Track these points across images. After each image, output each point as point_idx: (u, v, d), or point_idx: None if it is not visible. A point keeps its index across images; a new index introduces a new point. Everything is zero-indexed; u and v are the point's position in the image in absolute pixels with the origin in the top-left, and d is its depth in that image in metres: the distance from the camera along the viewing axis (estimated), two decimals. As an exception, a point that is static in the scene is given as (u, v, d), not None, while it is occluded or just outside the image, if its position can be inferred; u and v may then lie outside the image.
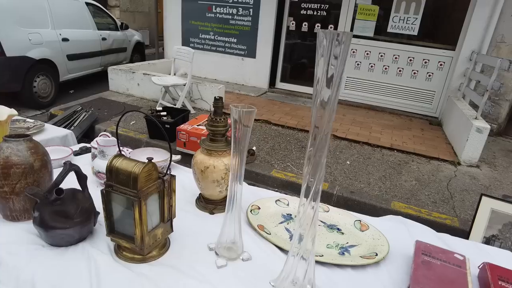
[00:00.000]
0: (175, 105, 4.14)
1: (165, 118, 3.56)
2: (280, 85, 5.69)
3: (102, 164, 1.24)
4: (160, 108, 3.56)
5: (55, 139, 1.68)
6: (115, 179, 0.86)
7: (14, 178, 0.96)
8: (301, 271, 0.83)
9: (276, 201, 1.26)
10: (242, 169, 0.90)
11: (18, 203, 0.99)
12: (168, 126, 3.43)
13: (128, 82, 4.88)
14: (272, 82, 5.66)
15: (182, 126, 3.32)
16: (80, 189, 0.99)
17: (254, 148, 3.37)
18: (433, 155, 3.73)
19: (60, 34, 4.96)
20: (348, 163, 3.51)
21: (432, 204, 2.98)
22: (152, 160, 0.88)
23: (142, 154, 1.38)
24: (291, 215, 1.21)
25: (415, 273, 0.91)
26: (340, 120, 4.46)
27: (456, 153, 3.77)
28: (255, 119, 4.54)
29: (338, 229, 1.15)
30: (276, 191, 1.46)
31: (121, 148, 1.22)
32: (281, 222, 1.16)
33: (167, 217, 0.95)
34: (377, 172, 3.39)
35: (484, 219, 2.16)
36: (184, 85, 4.13)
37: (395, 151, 3.84)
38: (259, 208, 1.20)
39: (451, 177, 3.39)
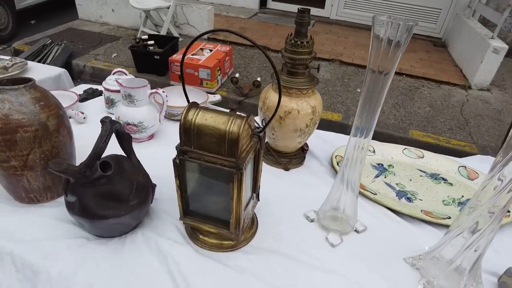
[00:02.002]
0: (159, 32, 3.57)
1: (151, 48, 3.06)
2: (272, 4, 5.07)
3: (131, 113, 0.91)
4: (146, 37, 3.03)
5: (47, 82, 1.27)
6: (196, 142, 0.56)
7: (24, 147, 0.63)
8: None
9: (359, 148, 1.00)
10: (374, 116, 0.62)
11: (35, 181, 0.68)
12: (158, 57, 2.97)
13: (101, 7, 4.13)
14: (262, 1, 5.03)
15: (175, 57, 2.86)
16: (124, 154, 0.68)
17: (259, 78, 3.01)
18: (442, 79, 3.55)
19: None
20: (359, 90, 3.26)
21: (449, 131, 2.87)
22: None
23: (172, 95, 1.05)
24: (383, 165, 0.97)
25: None
26: (343, 43, 4.10)
27: (466, 76, 3.60)
28: (251, 46, 4.09)
29: (443, 179, 0.94)
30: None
31: (156, 90, 0.89)
32: (377, 176, 0.92)
33: (258, 186, 0.68)
34: (389, 99, 3.19)
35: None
36: (168, 8, 3.52)
37: (404, 76, 3.62)
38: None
39: (464, 102, 3.26)
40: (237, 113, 0.57)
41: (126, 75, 1.08)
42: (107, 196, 0.60)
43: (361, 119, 0.63)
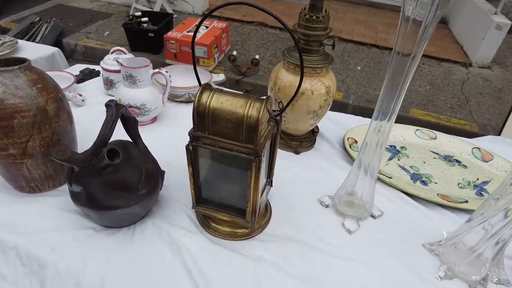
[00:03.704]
0: (152, 9, 3.44)
1: (145, 25, 2.94)
2: (267, -21, 4.89)
3: (133, 95, 0.86)
4: (139, 13, 2.91)
5: (40, 62, 1.20)
6: (210, 127, 0.52)
7: (23, 134, 0.59)
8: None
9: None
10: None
11: (35, 169, 0.64)
12: (152, 35, 2.86)
13: (87, -19, 3.95)
14: (257, -23, 4.84)
15: (170, 34, 2.76)
16: (131, 140, 0.64)
17: (257, 56, 2.93)
18: (443, 56, 3.49)
19: None
20: (359, 68, 3.20)
21: (450, 110, 2.85)
22: (193, 84, 0.53)
23: (173, 75, 1.00)
24: (395, 147, 0.94)
25: None
26: (342, 20, 3.99)
27: (467, 53, 3.54)
28: (247, 22, 3.96)
29: (457, 161, 0.91)
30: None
31: (158, 70, 0.84)
32: (390, 159, 0.90)
33: (273, 172, 0.65)
34: (389, 77, 3.14)
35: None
36: (161, -18, 3.37)
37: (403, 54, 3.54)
38: (355, 141, 0.91)
39: (464, 80, 3.23)
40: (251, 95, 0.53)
41: (125, 54, 1.02)
42: (115, 185, 0.57)
43: (384, 103, 0.59)
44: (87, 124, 0.84)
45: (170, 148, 0.79)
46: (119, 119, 0.58)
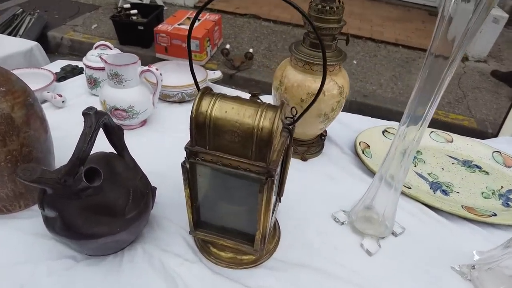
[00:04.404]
0: (142, 1, 3.29)
1: (134, 17, 2.80)
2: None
3: (119, 96, 0.76)
4: (128, 5, 2.76)
5: (17, 58, 1.08)
6: (212, 141, 0.42)
7: (-17, 147, 0.49)
8: None
9: (383, 132, 0.88)
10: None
11: (2, 188, 0.54)
12: (142, 28, 2.73)
13: (71, -30, 3.76)
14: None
15: (161, 27, 2.64)
16: (115, 152, 0.55)
17: (251, 50, 2.83)
18: (440, 49, 3.43)
19: None
20: (355, 62, 3.13)
21: (447, 105, 2.80)
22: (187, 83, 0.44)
23: (164, 72, 0.89)
24: (410, 152, 0.86)
25: None
26: (337, 13, 3.89)
27: (464, 46, 3.48)
28: (240, 14, 3.83)
29: (477, 166, 0.84)
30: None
31: (148, 67, 0.74)
32: (406, 165, 0.81)
33: (283, 188, 0.56)
34: (386, 71, 3.07)
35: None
36: (149, -28, 3.22)
37: (401, 46, 3.49)
38: (368, 146, 0.83)
39: (461, 74, 3.18)
40: (260, 101, 0.44)
41: (111, 49, 0.91)
42: (97, 209, 0.47)
43: (415, 106, 0.50)
44: (67, 130, 0.73)
45: (162, 157, 0.70)
46: (101, 129, 0.48)
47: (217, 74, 1.02)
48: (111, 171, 0.50)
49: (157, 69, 0.77)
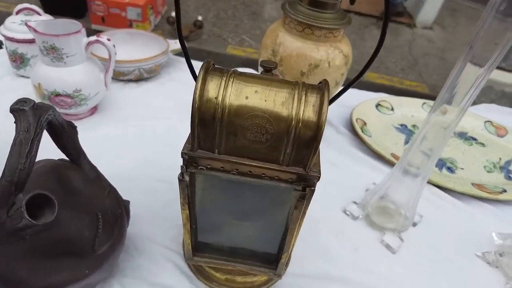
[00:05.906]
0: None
1: (60, -20, 2.39)
2: None
3: (60, 77, 0.57)
4: (50, -36, 2.34)
5: None
6: (225, 142, 0.29)
7: None
8: None
9: (376, 106, 0.80)
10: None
11: None
12: (71, -7, 2.35)
13: None
14: None
15: (95, -7, 2.29)
16: (66, 158, 0.38)
17: (200, 18, 2.59)
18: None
19: None
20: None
21: (401, 72, 2.86)
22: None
23: (117, 43, 0.70)
24: (406, 126, 0.79)
25: None
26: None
27: (411, 14, 3.57)
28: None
29: (473, 138, 0.79)
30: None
31: (96, 37, 0.57)
32: (406, 142, 0.74)
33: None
34: (341, 40, 3.04)
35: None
36: None
37: (353, 13, 3.46)
38: (365, 123, 0.74)
39: (411, 41, 3.26)
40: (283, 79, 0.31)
41: (40, 15, 0.69)
42: (53, 250, 0.32)
43: (453, 90, 0.41)
44: None
45: (125, 154, 0.54)
46: (44, 131, 0.32)
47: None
48: (67, 190, 0.34)
49: (109, 40, 0.59)
